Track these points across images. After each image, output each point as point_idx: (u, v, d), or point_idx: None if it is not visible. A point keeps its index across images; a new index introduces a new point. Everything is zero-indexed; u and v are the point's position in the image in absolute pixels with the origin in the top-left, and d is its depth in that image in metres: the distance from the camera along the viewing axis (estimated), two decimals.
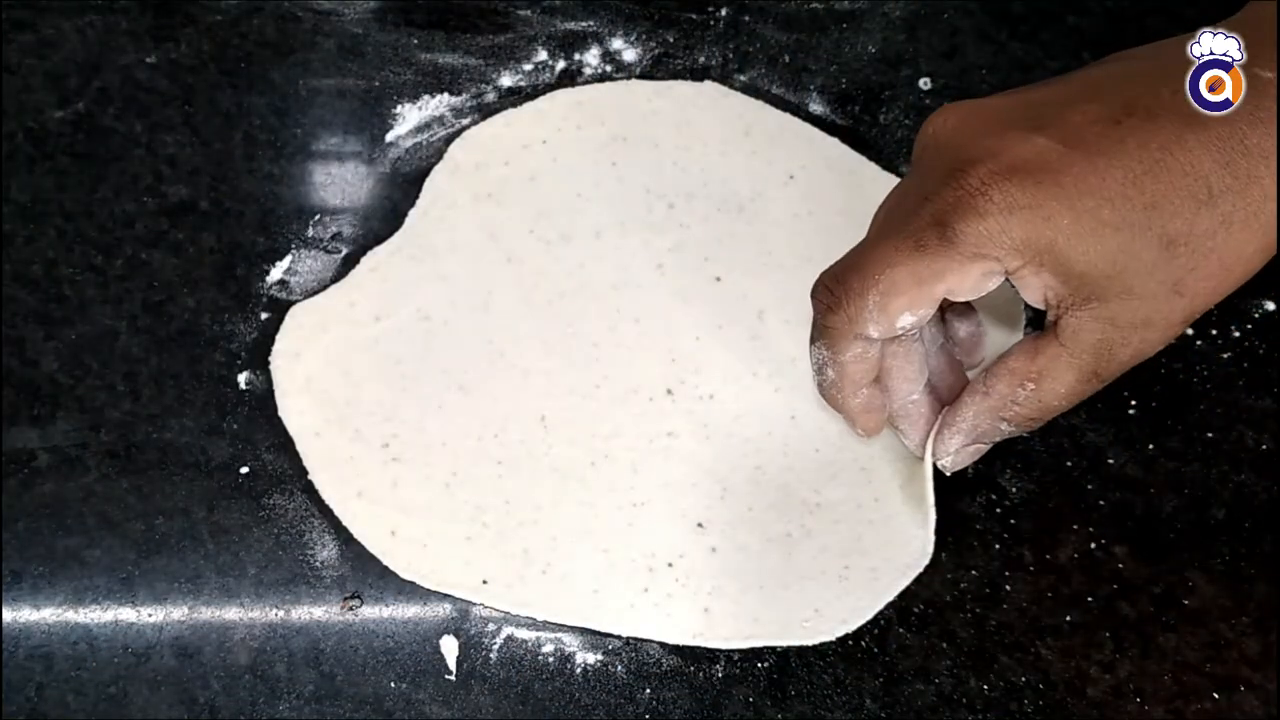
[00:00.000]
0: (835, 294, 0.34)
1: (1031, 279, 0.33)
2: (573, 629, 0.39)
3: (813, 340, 0.37)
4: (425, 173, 0.45)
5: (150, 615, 0.39)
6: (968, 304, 0.40)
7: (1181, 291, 0.32)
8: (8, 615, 0.39)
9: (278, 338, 0.42)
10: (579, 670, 0.39)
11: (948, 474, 0.38)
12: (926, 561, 0.39)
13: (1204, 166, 0.31)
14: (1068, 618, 0.39)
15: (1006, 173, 0.32)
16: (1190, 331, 0.42)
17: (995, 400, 0.35)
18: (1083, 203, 0.31)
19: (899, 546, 0.39)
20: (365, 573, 0.40)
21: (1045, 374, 0.34)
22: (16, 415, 0.41)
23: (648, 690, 0.38)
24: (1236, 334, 0.42)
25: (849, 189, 0.44)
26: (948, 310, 0.39)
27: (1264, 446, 0.41)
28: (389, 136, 0.45)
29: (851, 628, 0.39)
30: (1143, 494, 0.41)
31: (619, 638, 0.39)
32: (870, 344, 0.35)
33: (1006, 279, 0.33)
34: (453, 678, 0.38)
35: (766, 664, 0.39)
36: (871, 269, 0.33)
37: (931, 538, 0.39)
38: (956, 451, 0.37)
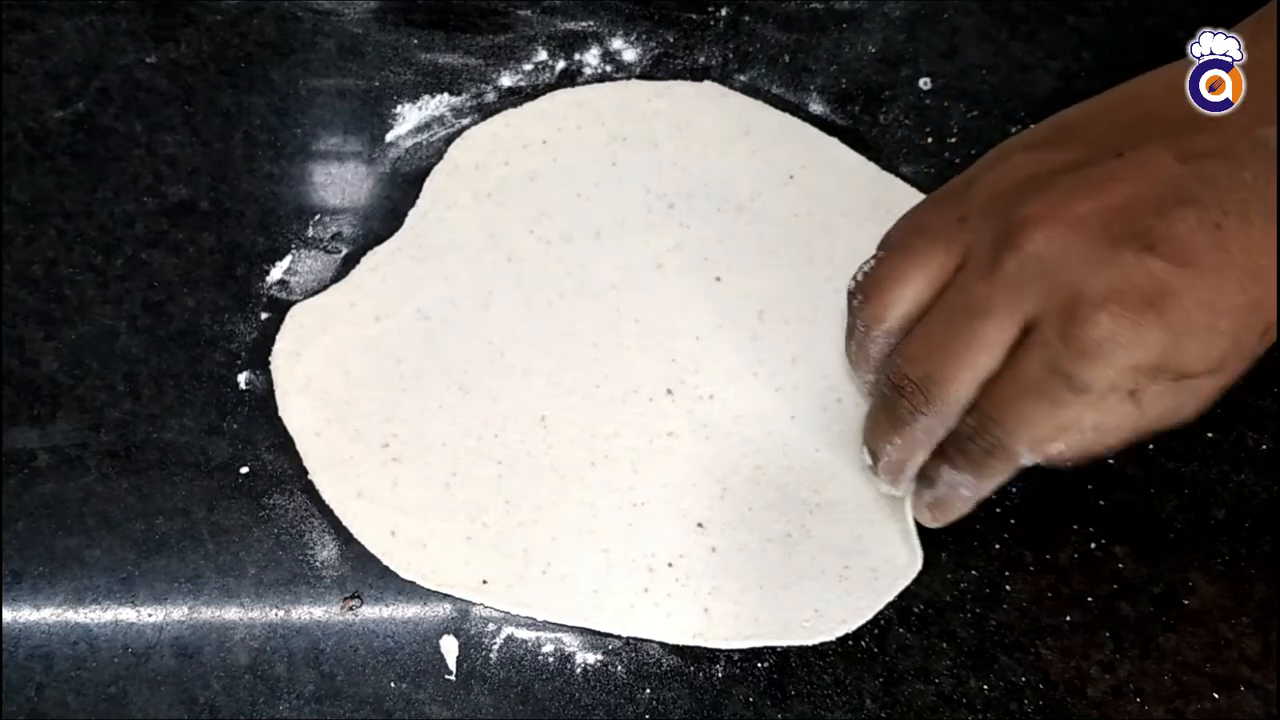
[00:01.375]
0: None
1: None
2: (573, 629, 0.39)
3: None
4: (425, 173, 0.45)
5: (150, 615, 0.39)
6: None
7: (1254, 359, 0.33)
8: (8, 615, 0.39)
9: (278, 338, 0.42)
10: (579, 670, 0.39)
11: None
12: (918, 568, 0.39)
13: None
14: (1068, 618, 0.39)
15: (1136, 309, 0.31)
16: None
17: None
18: (1202, 320, 0.31)
19: (899, 546, 0.39)
20: (365, 573, 0.40)
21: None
22: (16, 415, 0.41)
23: (648, 690, 0.38)
24: None
25: (849, 189, 0.44)
26: None
27: (1264, 446, 0.41)
28: (389, 136, 0.45)
29: (851, 628, 0.39)
30: (1143, 494, 0.41)
31: (619, 638, 0.39)
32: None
33: None
34: (453, 678, 0.38)
35: (766, 664, 0.39)
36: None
37: (918, 549, 0.39)
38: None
